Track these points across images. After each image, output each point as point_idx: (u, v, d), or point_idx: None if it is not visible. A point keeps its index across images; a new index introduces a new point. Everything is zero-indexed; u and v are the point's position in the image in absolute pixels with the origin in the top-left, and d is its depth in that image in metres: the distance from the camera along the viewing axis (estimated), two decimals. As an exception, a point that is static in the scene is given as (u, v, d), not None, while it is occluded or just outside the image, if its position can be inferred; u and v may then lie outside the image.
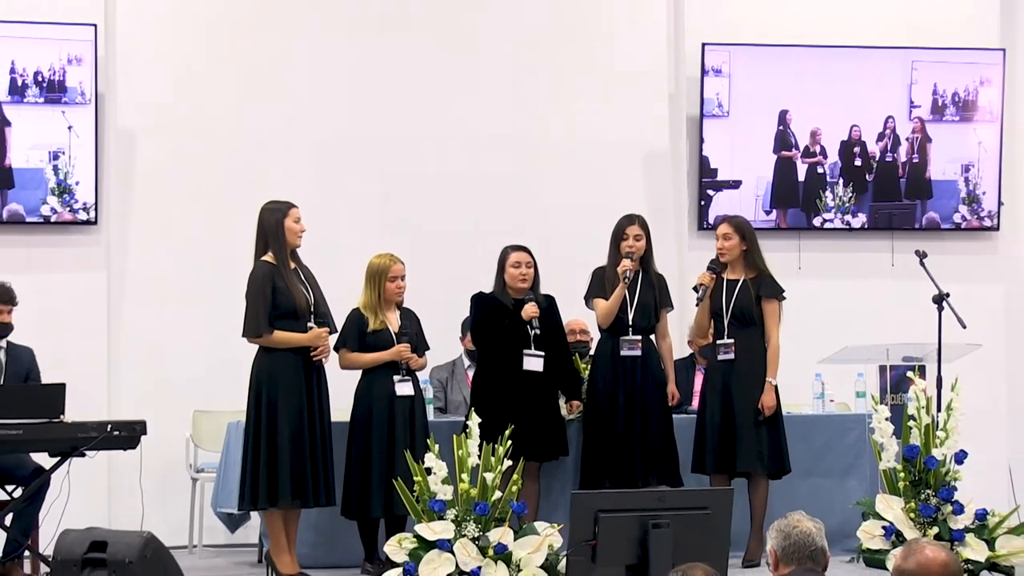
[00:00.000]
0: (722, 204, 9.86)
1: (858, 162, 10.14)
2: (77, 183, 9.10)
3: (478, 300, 8.22)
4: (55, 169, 9.14)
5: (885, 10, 10.61)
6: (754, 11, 10.49)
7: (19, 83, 8.99)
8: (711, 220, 10.02)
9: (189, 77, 9.82)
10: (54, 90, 9.02)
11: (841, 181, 10.18)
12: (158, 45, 9.77)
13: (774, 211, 10.07)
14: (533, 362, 8.06)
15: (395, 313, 7.89)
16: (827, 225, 10.30)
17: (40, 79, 9.02)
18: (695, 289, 8.15)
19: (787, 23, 10.48)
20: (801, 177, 10.07)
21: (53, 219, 9.21)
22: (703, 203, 10.09)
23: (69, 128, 9.03)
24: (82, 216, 9.31)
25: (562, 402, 8.27)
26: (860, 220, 10.29)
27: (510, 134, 10.16)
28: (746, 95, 10.03)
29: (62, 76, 8.96)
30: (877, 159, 10.16)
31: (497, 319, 8.08)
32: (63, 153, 9.11)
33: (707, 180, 10.03)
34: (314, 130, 9.94)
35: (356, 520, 7.86)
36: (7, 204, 9.16)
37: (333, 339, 7.75)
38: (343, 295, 7.89)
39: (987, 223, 10.52)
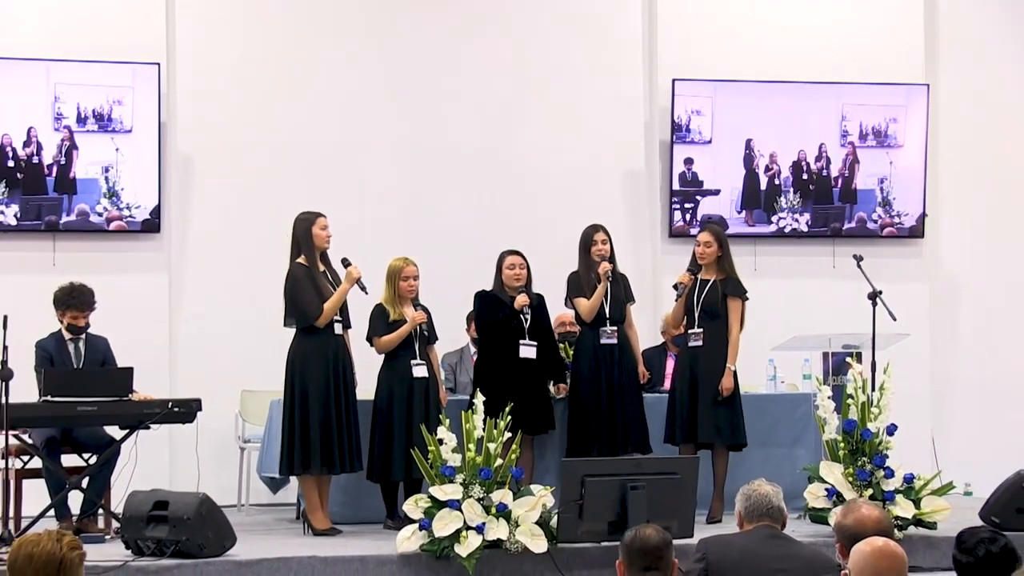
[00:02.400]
0: (707, 206, 10.19)
1: (804, 176, 10.40)
2: (122, 189, 9.23)
3: (480, 297, 8.24)
4: (106, 179, 9.24)
5: (827, 52, 10.58)
6: (718, 51, 10.44)
7: (82, 115, 9.15)
8: (698, 219, 10.14)
9: (238, 109, 9.81)
10: (103, 120, 9.19)
11: (791, 190, 10.39)
12: (211, 81, 9.75)
13: (744, 211, 10.30)
14: (528, 350, 8.09)
15: (410, 307, 7.89)
16: (781, 222, 10.36)
17: (96, 112, 9.16)
18: (675, 287, 8.16)
19: (747, 62, 10.44)
20: (763, 187, 10.33)
21: (105, 216, 9.28)
22: (681, 213, 10.21)
23: (116, 150, 9.19)
24: (136, 217, 9.37)
25: (551, 385, 8.29)
26: (806, 218, 10.37)
27: (508, 158, 10.15)
28: (722, 124, 10.23)
29: (109, 111, 9.14)
30: (817, 174, 10.40)
31: (496, 313, 8.11)
32: (112, 168, 9.21)
33: (694, 189, 10.17)
34: (345, 155, 9.92)
35: (379, 483, 7.87)
36: (74, 205, 9.23)
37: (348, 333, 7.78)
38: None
39: (897, 221, 10.56)
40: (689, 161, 10.19)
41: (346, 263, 7.68)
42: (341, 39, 10.01)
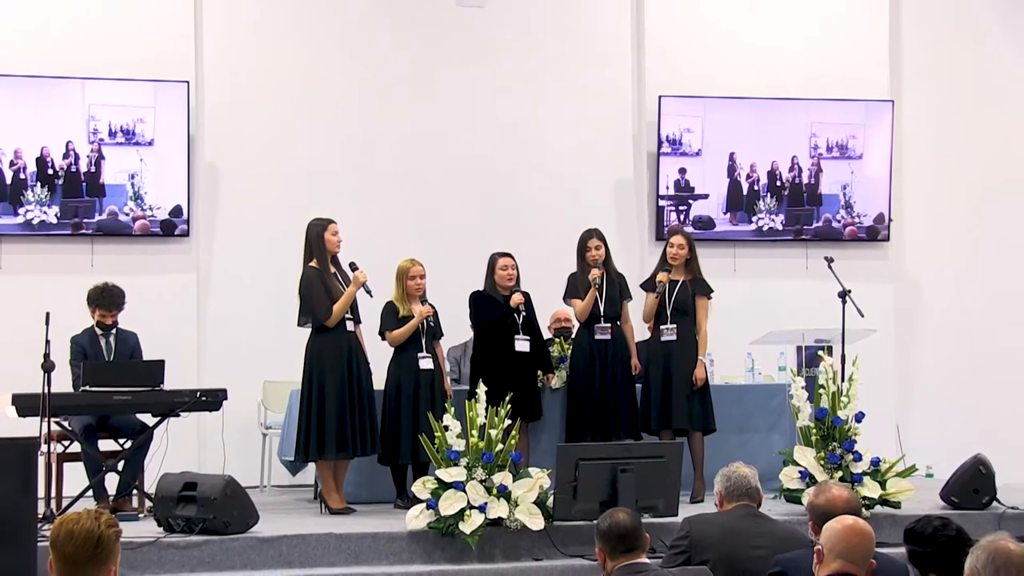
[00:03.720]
0: (697, 208, 10.34)
1: (778, 183, 10.47)
2: (145, 193, 9.29)
3: (476, 297, 8.24)
4: (132, 185, 9.30)
5: (800, 71, 10.59)
6: (700, 70, 10.44)
7: (112, 130, 9.24)
8: (690, 218, 10.25)
9: (260, 124, 9.80)
10: (129, 134, 9.28)
11: (768, 194, 10.45)
12: (234, 98, 9.75)
13: (728, 213, 10.37)
14: (523, 344, 8.09)
15: (418, 304, 7.89)
16: (759, 222, 10.39)
17: (123, 128, 9.26)
18: (655, 284, 8.15)
19: (728, 80, 10.44)
20: (744, 192, 10.42)
21: (131, 215, 9.32)
22: (676, 214, 10.28)
23: (140, 160, 9.26)
24: (157, 216, 9.41)
25: (541, 376, 8.30)
26: (780, 218, 10.42)
27: (508, 168, 10.14)
28: (709, 139, 10.32)
29: (133, 127, 9.25)
30: (790, 181, 10.48)
31: (494, 311, 8.10)
32: (137, 175, 9.28)
33: (687, 194, 10.28)
34: (357, 165, 9.92)
35: (389, 466, 7.87)
36: (105, 206, 9.29)
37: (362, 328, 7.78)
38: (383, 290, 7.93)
39: (858, 221, 10.58)
40: (683, 171, 10.28)
41: (353, 267, 7.68)
42: (356, 60, 10.01)
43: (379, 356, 7.93)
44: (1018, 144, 11.10)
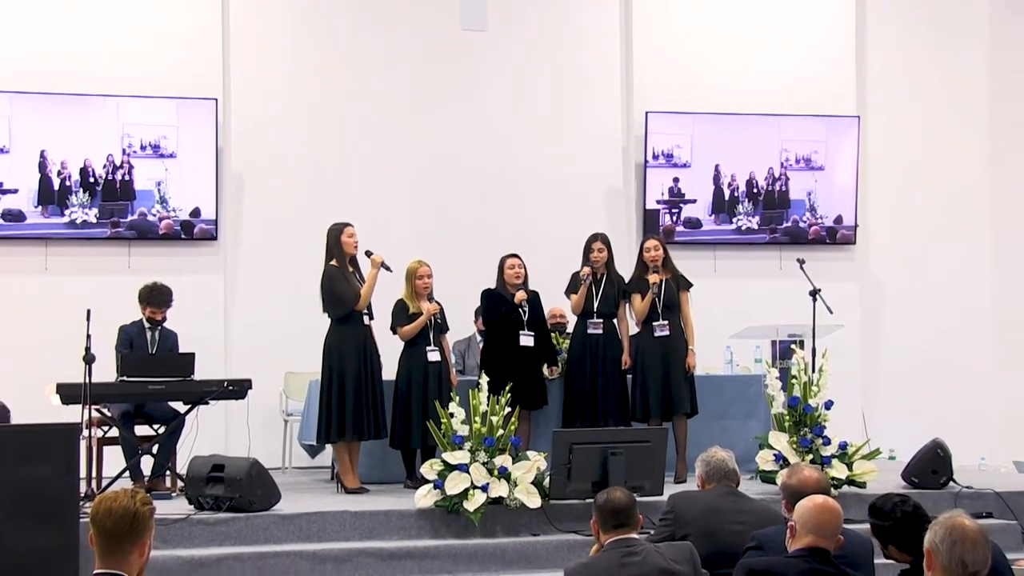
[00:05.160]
0: (688, 211, 10.43)
1: (755, 190, 10.54)
2: (170, 197, 9.38)
3: (487, 294, 8.23)
4: (158, 190, 9.37)
5: (774, 89, 10.61)
6: (684, 89, 10.46)
7: (142, 145, 9.36)
8: (680, 223, 10.32)
9: (282, 137, 9.82)
10: (155, 148, 9.40)
11: (746, 199, 10.51)
12: (259, 114, 9.77)
13: (713, 215, 10.45)
14: (527, 339, 8.08)
15: (426, 301, 7.87)
16: (739, 222, 10.45)
17: (151, 144, 9.39)
18: (648, 286, 8.12)
19: (710, 97, 10.47)
20: (726, 197, 10.51)
21: (157, 216, 9.38)
22: (670, 216, 10.37)
23: (165, 170, 9.38)
24: (179, 217, 9.46)
25: (544, 367, 8.28)
26: (756, 220, 10.47)
27: (510, 178, 10.15)
28: (697, 152, 10.42)
29: (158, 142, 9.37)
30: (764, 189, 10.53)
31: (500, 307, 8.09)
32: (163, 182, 9.36)
33: (676, 199, 10.35)
34: (373, 175, 9.94)
35: (400, 450, 7.87)
36: (135, 208, 9.36)
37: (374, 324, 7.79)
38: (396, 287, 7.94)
39: (820, 222, 10.61)
40: (676, 179, 10.39)
41: (368, 253, 7.69)
42: (371, 78, 10.01)
43: (388, 349, 7.92)
44: (972, 157, 11.13)
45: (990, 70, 11.16)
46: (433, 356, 7.79)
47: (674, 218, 10.42)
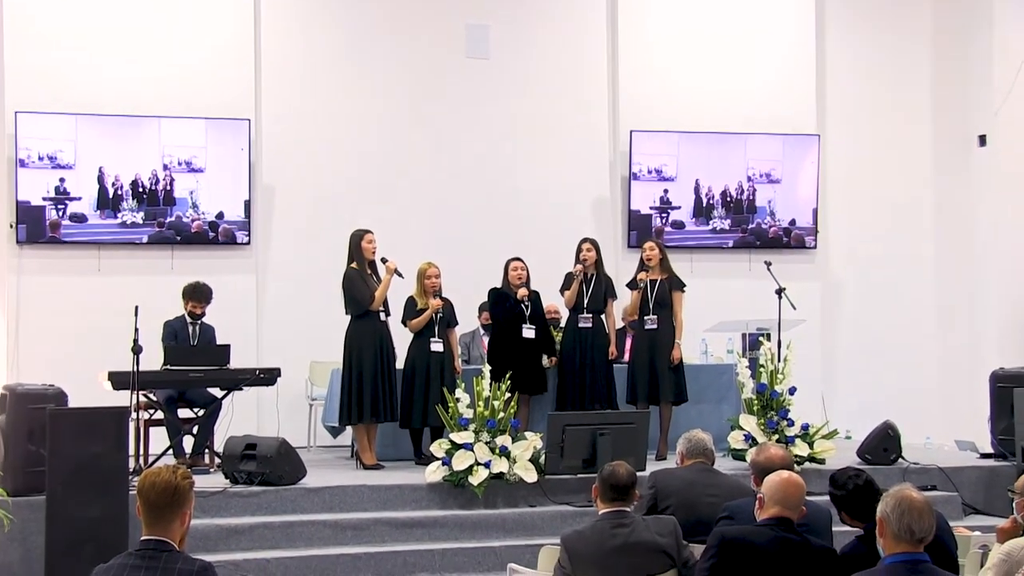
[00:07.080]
0: (675, 215, 10.49)
1: (728, 199, 10.60)
2: (200, 203, 9.44)
3: (493, 292, 8.22)
4: (191, 197, 9.43)
5: (744, 109, 10.60)
6: (667, 109, 10.44)
7: (179, 161, 9.44)
8: (669, 224, 10.39)
9: (308, 153, 9.79)
10: (189, 164, 9.47)
11: (720, 206, 10.56)
12: (287, 132, 9.74)
13: (694, 219, 10.51)
14: (528, 332, 8.07)
15: (434, 299, 7.86)
16: (714, 224, 10.50)
17: (185, 161, 9.46)
18: (637, 283, 8.09)
19: (690, 116, 10.45)
20: (704, 205, 10.56)
21: (190, 218, 9.43)
22: (660, 219, 10.40)
23: (196, 181, 9.44)
24: (207, 219, 9.50)
25: (544, 357, 8.27)
26: (728, 222, 10.53)
27: (510, 188, 10.11)
28: (682, 167, 10.46)
29: (191, 159, 9.46)
30: (733, 198, 10.59)
31: (504, 303, 8.09)
32: (194, 191, 9.44)
33: (663, 206, 10.43)
34: (389, 186, 9.90)
35: (409, 430, 7.85)
36: (173, 212, 9.42)
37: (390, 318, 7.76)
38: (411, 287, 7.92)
39: (779, 225, 10.62)
40: (666, 191, 10.43)
41: (384, 260, 7.67)
42: (387, 100, 9.98)
43: (403, 343, 7.90)
44: (917, 170, 11.14)
45: (932, 95, 11.17)
46: (436, 347, 7.77)
47: (663, 221, 10.52)
